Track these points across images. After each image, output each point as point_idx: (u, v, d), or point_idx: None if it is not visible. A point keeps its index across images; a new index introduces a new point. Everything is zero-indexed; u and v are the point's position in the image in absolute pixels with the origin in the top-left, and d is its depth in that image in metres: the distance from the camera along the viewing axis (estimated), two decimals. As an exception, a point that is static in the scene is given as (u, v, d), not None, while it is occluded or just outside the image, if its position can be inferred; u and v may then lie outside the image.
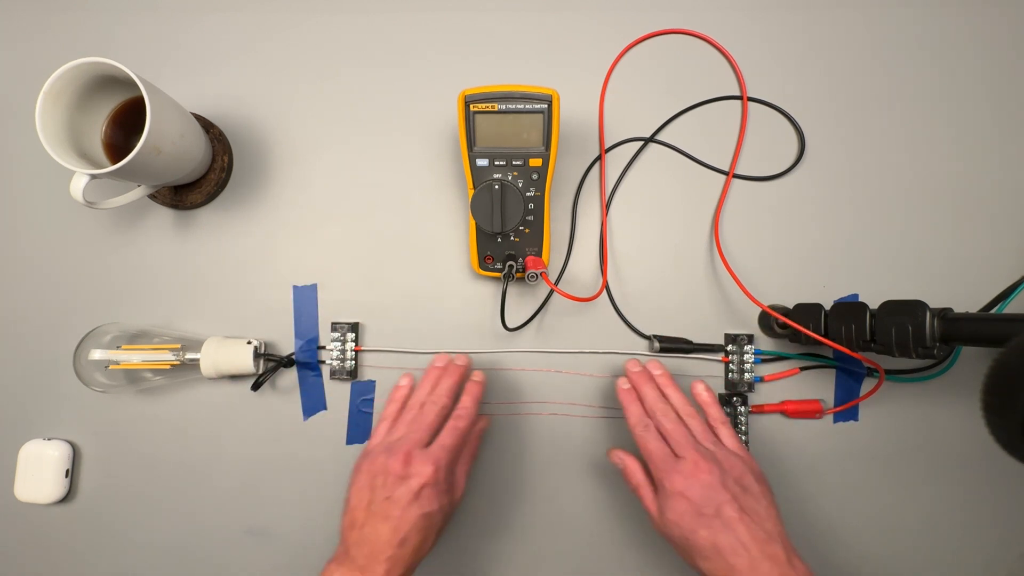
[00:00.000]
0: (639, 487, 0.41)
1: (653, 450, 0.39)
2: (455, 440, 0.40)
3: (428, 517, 0.37)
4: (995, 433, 0.27)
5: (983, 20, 0.50)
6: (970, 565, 0.47)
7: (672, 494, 0.37)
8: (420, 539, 0.37)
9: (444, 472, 0.38)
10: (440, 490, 0.38)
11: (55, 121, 0.41)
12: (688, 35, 0.50)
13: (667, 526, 0.38)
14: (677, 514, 0.37)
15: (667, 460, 0.39)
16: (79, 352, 0.45)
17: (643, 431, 0.40)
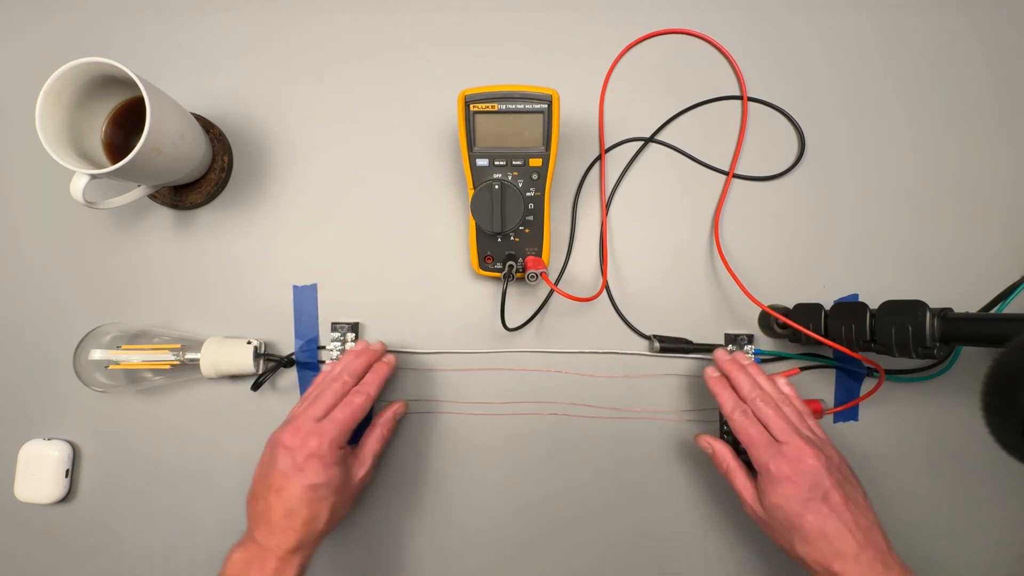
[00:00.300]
0: (731, 471, 0.41)
1: (755, 435, 0.39)
2: (347, 414, 0.40)
3: (314, 489, 0.37)
4: (995, 433, 0.27)
5: (983, 20, 0.50)
6: (970, 565, 0.47)
7: (779, 478, 0.37)
8: (309, 513, 0.37)
9: (332, 445, 0.38)
10: (327, 463, 0.38)
11: (55, 121, 0.41)
12: (688, 35, 0.50)
13: (771, 510, 0.37)
14: (783, 498, 0.37)
15: (771, 445, 0.38)
16: (79, 352, 0.45)
17: (742, 416, 0.40)
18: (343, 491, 0.40)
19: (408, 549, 0.48)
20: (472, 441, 0.48)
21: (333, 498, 0.39)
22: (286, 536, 0.37)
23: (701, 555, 0.47)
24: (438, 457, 0.48)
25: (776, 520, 0.37)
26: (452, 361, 0.49)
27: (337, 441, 0.39)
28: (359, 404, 0.41)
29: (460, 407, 0.48)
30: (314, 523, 0.38)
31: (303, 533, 0.37)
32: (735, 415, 0.40)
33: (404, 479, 0.48)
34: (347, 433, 0.40)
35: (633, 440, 0.48)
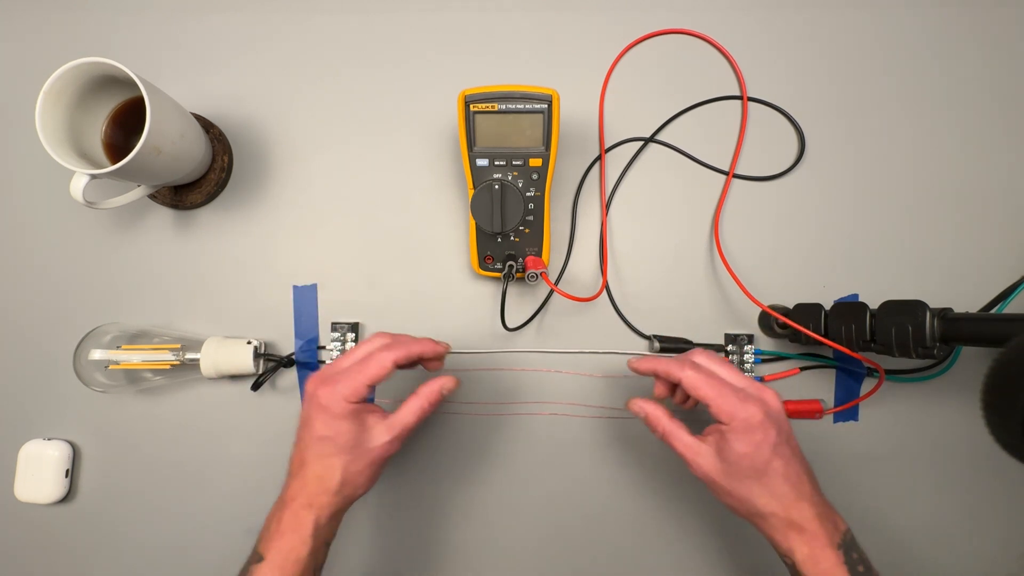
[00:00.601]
0: (670, 434, 0.38)
1: (717, 383, 0.36)
2: (364, 369, 0.37)
3: (320, 442, 0.36)
4: (995, 433, 0.27)
5: (983, 20, 0.50)
6: (970, 565, 0.47)
7: (751, 425, 0.35)
8: (319, 468, 0.36)
9: (340, 396, 0.36)
10: (333, 414, 0.36)
11: (55, 121, 0.41)
12: (688, 35, 0.50)
13: (737, 460, 0.35)
14: (754, 444, 0.34)
15: (736, 391, 0.36)
16: (79, 352, 0.45)
17: (695, 371, 0.37)
18: (356, 451, 0.37)
19: (407, 549, 0.48)
20: (472, 441, 0.48)
21: (343, 456, 0.36)
22: (299, 489, 0.36)
23: (701, 555, 0.47)
24: (438, 457, 0.48)
25: (740, 471, 0.35)
26: (452, 361, 0.49)
27: (348, 393, 0.36)
28: (381, 362, 0.37)
29: (460, 407, 0.48)
30: (324, 481, 0.36)
31: (314, 488, 0.36)
32: (687, 371, 0.37)
33: (404, 479, 0.48)
34: (361, 388, 0.36)
35: (633, 440, 0.48)
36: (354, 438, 0.36)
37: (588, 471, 0.48)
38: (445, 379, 0.40)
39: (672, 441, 0.38)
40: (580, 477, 0.48)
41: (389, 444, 0.38)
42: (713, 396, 0.36)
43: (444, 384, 0.40)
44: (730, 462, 0.35)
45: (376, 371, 0.37)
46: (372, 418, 0.38)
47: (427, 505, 0.48)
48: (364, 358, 0.38)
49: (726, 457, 0.35)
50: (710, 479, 0.37)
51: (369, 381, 0.37)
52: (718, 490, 0.37)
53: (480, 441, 0.48)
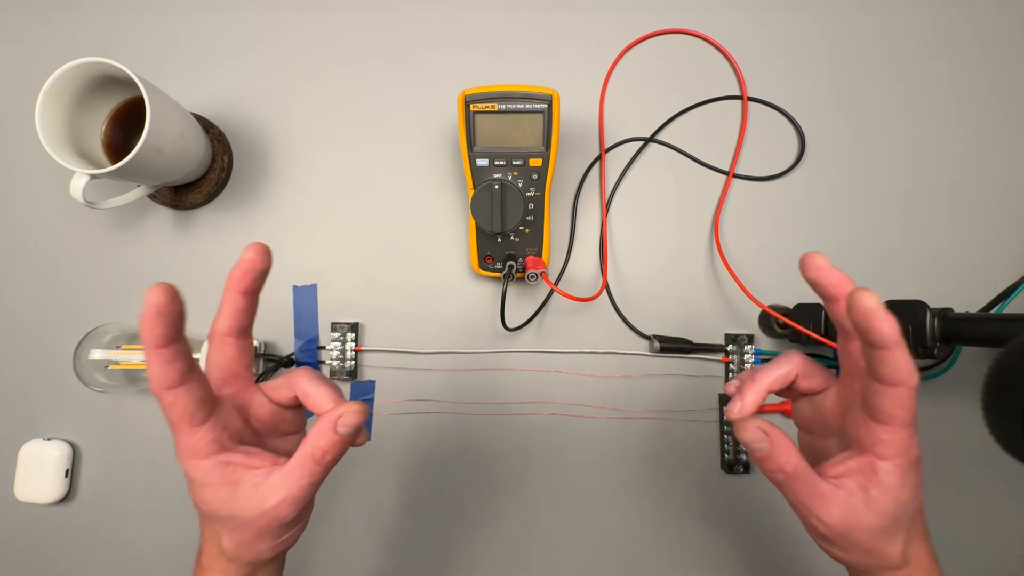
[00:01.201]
0: (799, 477, 0.27)
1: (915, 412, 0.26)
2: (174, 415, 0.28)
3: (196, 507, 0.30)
4: (995, 433, 0.27)
5: (984, 19, 0.50)
6: (970, 565, 0.46)
7: (915, 462, 0.27)
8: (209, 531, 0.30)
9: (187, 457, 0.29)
10: (191, 479, 0.29)
11: (55, 121, 0.41)
12: (688, 35, 0.50)
13: (897, 509, 0.26)
14: (915, 488, 0.27)
15: None
16: (79, 352, 0.45)
17: None
18: (233, 522, 0.28)
19: (407, 549, 0.48)
20: (472, 441, 0.48)
21: (220, 525, 0.28)
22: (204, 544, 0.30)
23: (701, 555, 0.47)
24: (438, 457, 0.48)
25: (896, 522, 0.27)
26: (452, 361, 0.49)
27: (186, 449, 0.28)
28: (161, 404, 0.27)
29: (460, 407, 0.48)
30: (216, 545, 0.29)
31: (211, 551, 0.29)
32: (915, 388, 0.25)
33: (403, 479, 0.48)
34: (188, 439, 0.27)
35: (633, 440, 0.48)
36: (222, 507, 0.27)
37: (588, 471, 0.48)
38: (346, 407, 0.28)
39: (799, 489, 0.27)
40: (580, 477, 0.48)
41: (273, 511, 0.27)
42: (908, 420, 0.26)
43: (342, 416, 0.28)
44: (883, 513, 0.26)
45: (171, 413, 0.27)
46: (251, 477, 0.27)
47: (426, 505, 0.48)
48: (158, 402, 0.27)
49: (878, 507, 0.26)
50: (846, 536, 0.27)
51: (186, 421, 0.27)
52: (851, 546, 0.27)
53: (480, 441, 0.48)
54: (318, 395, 0.30)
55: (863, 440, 0.27)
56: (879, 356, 0.25)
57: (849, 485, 0.27)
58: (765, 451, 0.27)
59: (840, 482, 0.27)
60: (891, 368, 0.25)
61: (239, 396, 0.30)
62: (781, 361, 0.30)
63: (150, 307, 0.24)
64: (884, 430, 0.26)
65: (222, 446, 0.28)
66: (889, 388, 0.25)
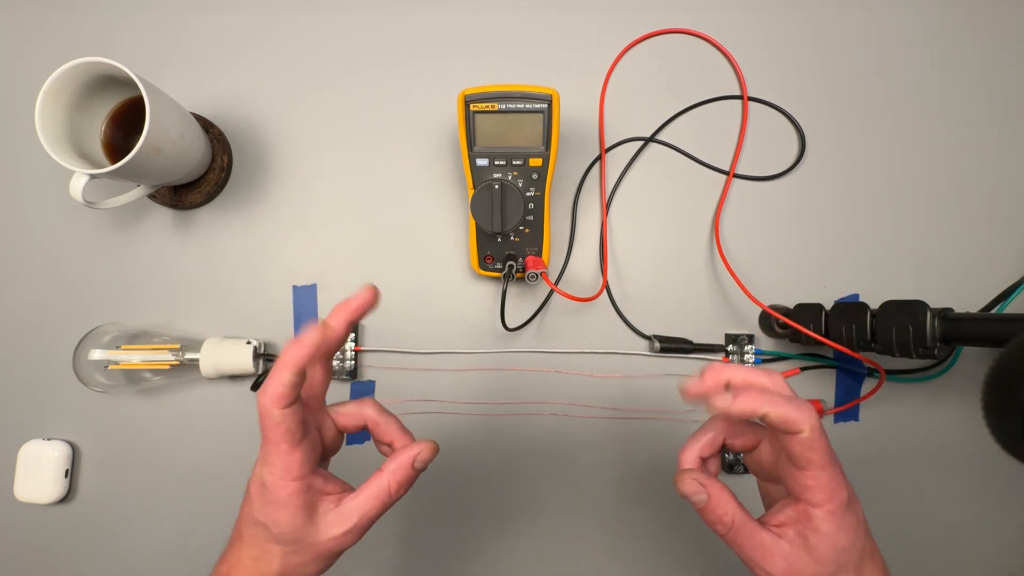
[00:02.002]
0: (740, 528, 0.27)
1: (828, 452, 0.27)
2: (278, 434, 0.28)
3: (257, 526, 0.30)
4: (995, 433, 0.27)
5: (984, 19, 0.50)
6: (970, 565, 0.47)
7: (847, 506, 0.27)
8: (257, 551, 0.30)
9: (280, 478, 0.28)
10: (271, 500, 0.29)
11: (55, 121, 0.41)
12: (688, 35, 0.50)
13: (838, 555, 0.26)
14: (853, 531, 0.27)
15: (836, 463, 0.27)
16: (79, 352, 0.45)
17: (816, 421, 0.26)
18: (297, 544, 0.29)
19: (406, 548, 0.48)
20: (472, 441, 0.48)
21: (281, 546, 0.29)
22: (235, 565, 0.31)
23: (700, 554, 0.47)
24: (437, 457, 0.48)
25: (840, 568, 0.27)
26: (452, 361, 0.49)
27: (281, 469, 0.28)
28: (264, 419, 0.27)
29: (460, 407, 0.48)
30: (260, 566, 0.30)
31: (249, 570, 0.30)
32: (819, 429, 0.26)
33: (404, 479, 0.48)
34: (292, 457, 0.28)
35: (633, 440, 0.48)
36: (294, 530, 0.28)
37: (588, 471, 0.48)
38: (422, 445, 0.31)
39: (741, 541, 0.27)
40: (580, 477, 0.48)
41: (341, 538, 0.29)
42: (824, 463, 0.26)
43: (419, 454, 0.31)
44: (826, 560, 0.26)
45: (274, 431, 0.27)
46: (325, 503, 0.29)
47: (425, 505, 0.48)
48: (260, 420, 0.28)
49: (819, 555, 0.26)
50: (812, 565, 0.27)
51: (287, 442, 0.27)
52: None
53: (480, 441, 0.48)
54: (388, 425, 0.32)
55: (793, 488, 0.27)
56: (766, 423, 0.26)
57: (790, 534, 0.27)
58: (703, 503, 0.28)
59: (782, 531, 0.27)
60: (781, 423, 0.26)
61: (315, 417, 0.32)
62: (705, 428, 0.31)
63: (311, 341, 0.27)
64: (806, 475, 0.26)
65: (311, 468, 0.29)
66: (793, 436, 0.26)
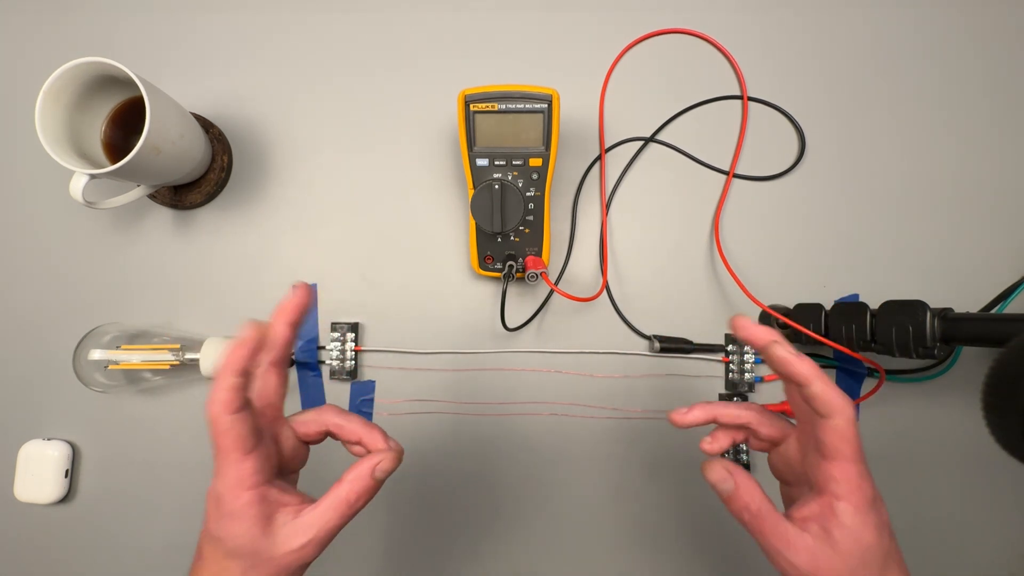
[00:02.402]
0: (763, 516, 0.28)
1: (862, 449, 0.27)
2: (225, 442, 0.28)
3: (214, 543, 0.29)
4: (995, 433, 0.27)
5: (983, 20, 0.50)
6: (970, 565, 0.46)
7: (872, 503, 0.27)
8: (216, 569, 0.29)
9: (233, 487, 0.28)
10: (225, 512, 0.28)
11: (55, 121, 0.41)
12: (688, 35, 0.50)
13: (863, 552, 0.27)
14: (878, 529, 0.27)
15: (864, 459, 0.27)
16: (79, 352, 0.45)
17: (851, 411, 0.27)
18: (254, 559, 0.27)
19: (406, 548, 0.48)
20: (472, 441, 0.48)
21: (238, 562, 0.27)
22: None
23: (700, 555, 0.47)
24: (437, 457, 0.48)
25: (864, 567, 0.27)
26: (452, 361, 0.49)
27: (233, 479, 0.27)
28: (213, 427, 0.27)
29: (460, 407, 0.48)
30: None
31: None
32: (853, 420, 0.27)
33: (402, 479, 0.48)
34: (239, 468, 0.27)
35: (633, 440, 0.48)
36: (250, 542, 0.27)
37: (588, 471, 0.48)
38: (383, 454, 0.30)
39: (765, 530, 0.28)
40: (580, 477, 0.48)
41: (299, 551, 0.27)
42: (853, 456, 0.27)
43: (379, 463, 0.29)
44: (849, 555, 0.26)
45: (225, 438, 0.26)
46: (282, 514, 0.28)
47: (425, 505, 0.48)
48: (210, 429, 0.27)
49: (843, 549, 0.26)
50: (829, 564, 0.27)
51: (239, 449, 0.27)
52: None
53: (479, 441, 0.48)
54: (351, 425, 0.32)
55: (819, 480, 0.28)
56: (806, 393, 0.27)
57: (814, 528, 0.27)
58: (730, 491, 0.29)
59: (805, 524, 0.28)
60: (820, 401, 0.27)
61: (271, 427, 0.31)
62: (740, 404, 0.33)
63: (246, 341, 0.28)
64: (834, 466, 0.27)
65: (264, 478, 0.28)
66: (827, 421, 0.27)
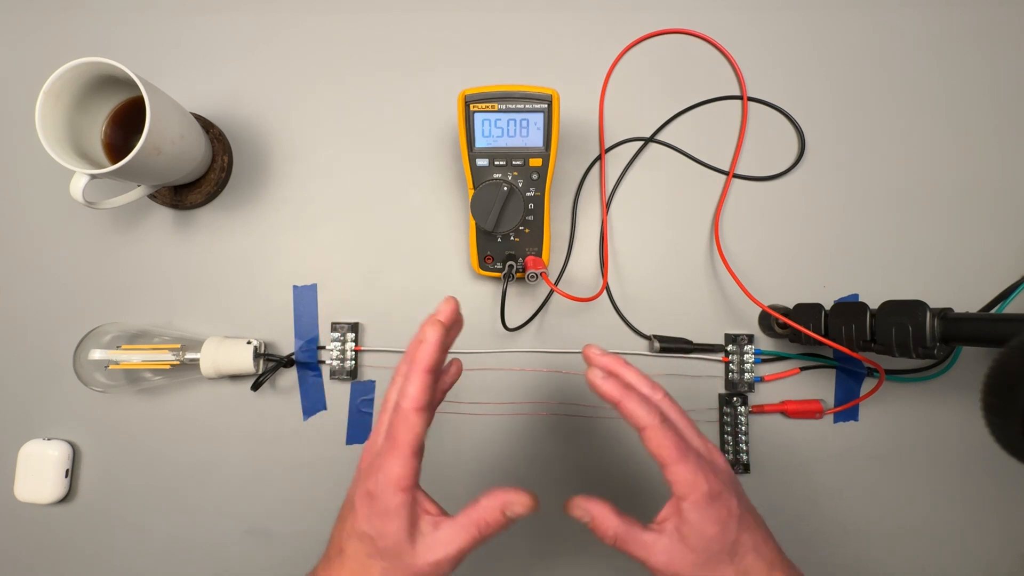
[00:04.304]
0: (626, 536, 0.31)
1: (679, 446, 0.30)
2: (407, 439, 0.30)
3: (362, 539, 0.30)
4: (995, 433, 0.27)
5: (983, 19, 0.50)
6: (970, 565, 0.47)
7: (714, 499, 0.29)
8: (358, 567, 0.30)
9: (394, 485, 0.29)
10: (381, 509, 0.30)
11: (55, 121, 0.41)
12: (688, 35, 0.50)
13: (708, 542, 0.29)
14: (720, 523, 0.29)
15: (696, 458, 0.30)
16: (79, 352, 0.45)
17: (664, 427, 0.30)
18: (397, 561, 0.29)
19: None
20: (472, 441, 0.48)
21: (383, 562, 0.29)
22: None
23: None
24: (437, 457, 0.48)
25: (711, 557, 0.29)
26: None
27: (398, 475, 0.28)
28: (401, 423, 0.29)
29: (460, 407, 0.48)
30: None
31: None
32: (658, 427, 0.30)
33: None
34: (409, 464, 0.29)
35: (633, 440, 0.48)
36: (398, 544, 0.29)
37: (588, 471, 0.48)
38: (518, 496, 0.31)
39: (629, 542, 0.31)
40: (580, 477, 0.48)
41: (436, 566, 0.29)
42: (676, 458, 0.29)
43: (508, 502, 0.30)
44: (697, 549, 0.30)
45: (408, 437, 0.29)
46: (426, 522, 0.30)
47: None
48: (391, 423, 0.29)
49: (692, 544, 0.30)
50: (676, 574, 0.30)
51: (412, 449, 0.29)
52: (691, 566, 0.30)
53: (479, 441, 0.48)
54: None
55: (667, 483, 0.30)
56: (619, 412, 0.31)
57: (668, 528, 0.30)
58: (589, 524, 0.32)
59: (662, 527, 0.31)
60: (629, 419, 0.31)
61: None
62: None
63: (436, 335, 0.30)
64: (667, 471, 0.30)
65: (417, 481, 0.30)
66: (642, 434, 0.30)
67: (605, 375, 0.32)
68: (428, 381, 0.29)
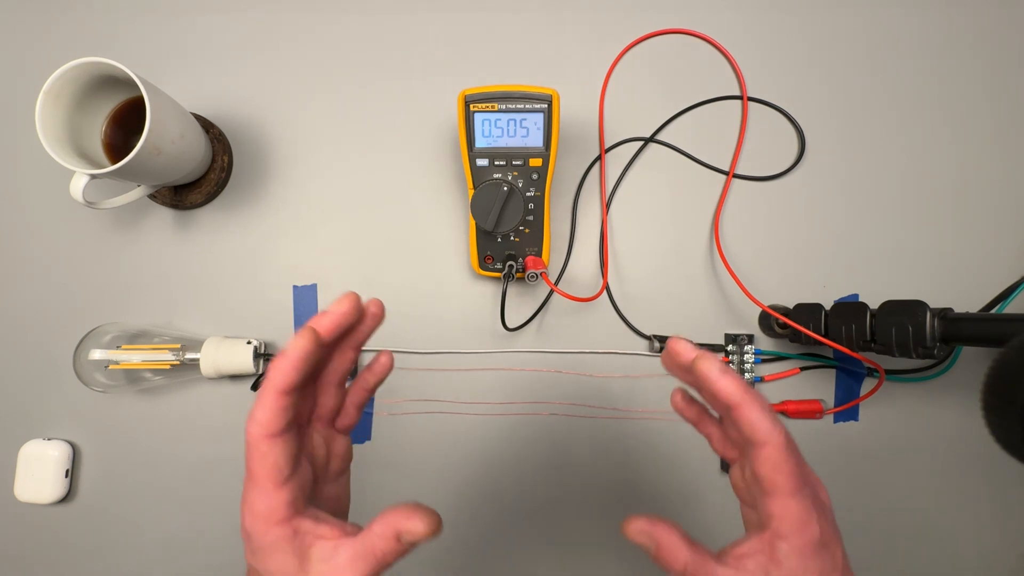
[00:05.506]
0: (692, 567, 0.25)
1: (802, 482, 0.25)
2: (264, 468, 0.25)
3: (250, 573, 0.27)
4: (995, 433, 0.27)
5: (983, 20, 0.50)
6: (970, 565, 0.47)
7: (818, 546, 0.25)
8: None
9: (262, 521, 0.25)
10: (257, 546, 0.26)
11: (55, 121, 0.41)
12: (688, 35, 0.50)
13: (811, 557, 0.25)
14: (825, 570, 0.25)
15: (816, 498, 0.26)
16: (79, 352, 0.45)
17: (792, 450, 0.25)
18: None
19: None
20: (472, 441, 0.48)
21: None
22: None
23: (701, 555, 0.47)
24: (438, 457, 0.48)
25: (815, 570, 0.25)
26: (452, 361, 0.49)
27: (264, 511, 0.24)
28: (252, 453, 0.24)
29: (460, 407, 0.48)
30: None
31: None
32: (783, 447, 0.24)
33: (402, 479, 0.48)
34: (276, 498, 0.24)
35: (633, 440, 0.48)
36: None
37: (588, 471, 0.48)
38: (406, 520, 0.26)
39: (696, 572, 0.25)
40: (580, 477, 0.48)
41: None
42: (792, 489, 0.24)
43: (402, 530, 0.26)
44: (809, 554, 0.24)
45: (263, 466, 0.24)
46: (321, 548, 0.25)
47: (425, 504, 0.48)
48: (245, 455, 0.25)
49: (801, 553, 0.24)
50: None
51: (274, 480, 0.24)
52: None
53: (479, 441, 0.48)
54: None
55: (762, 515, 0.25)
56: (733, 417, 0.25)
57: (750, 567, 0.25)
58: (652, 554, 0.26)
59: (741, 563, 0.25)
60: (746, 426, 0.24)
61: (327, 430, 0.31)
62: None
63: (299, 350, 0.24)
64: (772, 502, 0.25)
65: (296, 509, 0.25)
66: (758, 450, 0.24)
67: (724, 367, 0.25)
68: (283, 403, 0.24)
